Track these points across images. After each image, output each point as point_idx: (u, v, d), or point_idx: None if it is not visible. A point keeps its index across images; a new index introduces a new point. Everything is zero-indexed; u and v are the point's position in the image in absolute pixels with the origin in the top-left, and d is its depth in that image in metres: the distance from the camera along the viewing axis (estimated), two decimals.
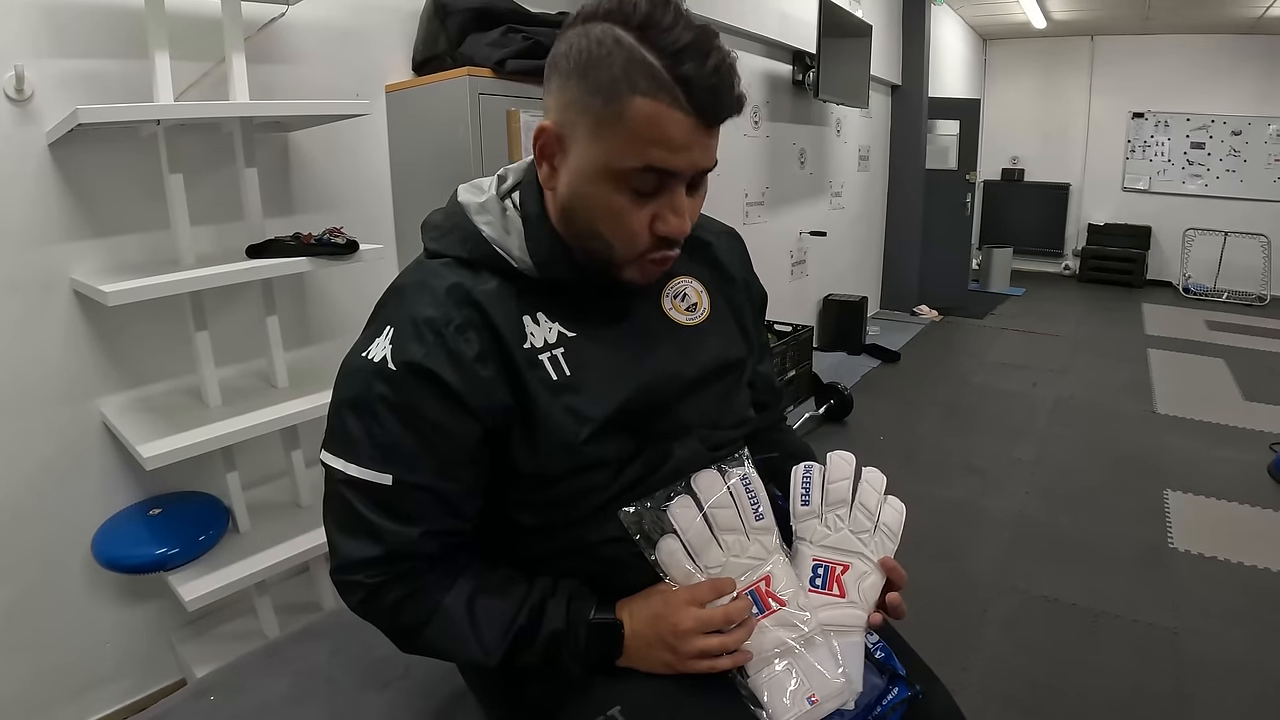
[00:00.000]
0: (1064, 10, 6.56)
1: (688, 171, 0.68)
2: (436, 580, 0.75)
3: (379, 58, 1.96)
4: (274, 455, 1.72)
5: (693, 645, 0.72)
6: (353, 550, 0.72)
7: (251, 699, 0.97)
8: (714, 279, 0.88)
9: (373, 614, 0.76)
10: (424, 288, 0.73)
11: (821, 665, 0.73)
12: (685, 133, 0.65)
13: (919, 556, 2.31)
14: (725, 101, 0.65)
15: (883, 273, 5.94)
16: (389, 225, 2.04)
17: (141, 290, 1.30)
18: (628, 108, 0.64)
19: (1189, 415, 3.67)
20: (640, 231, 0.70)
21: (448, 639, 0.74)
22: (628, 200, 0.68)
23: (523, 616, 0.73)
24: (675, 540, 0.75)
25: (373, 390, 0.70)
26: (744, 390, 0.90)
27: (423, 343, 0.70)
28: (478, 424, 0.71)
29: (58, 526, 1.53)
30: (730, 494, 0.77)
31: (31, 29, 1.38)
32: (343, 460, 0.72)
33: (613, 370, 0.75)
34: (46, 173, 1.43)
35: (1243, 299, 6.85)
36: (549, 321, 0.75)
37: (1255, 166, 7.05)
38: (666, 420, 0.79)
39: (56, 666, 1.56)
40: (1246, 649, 1.90)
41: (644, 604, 0.76)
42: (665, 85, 0.63)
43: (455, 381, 0.69)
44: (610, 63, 0.64)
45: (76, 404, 1.53)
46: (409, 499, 0.71)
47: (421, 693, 0.98)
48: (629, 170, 0.66)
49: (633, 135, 0.65)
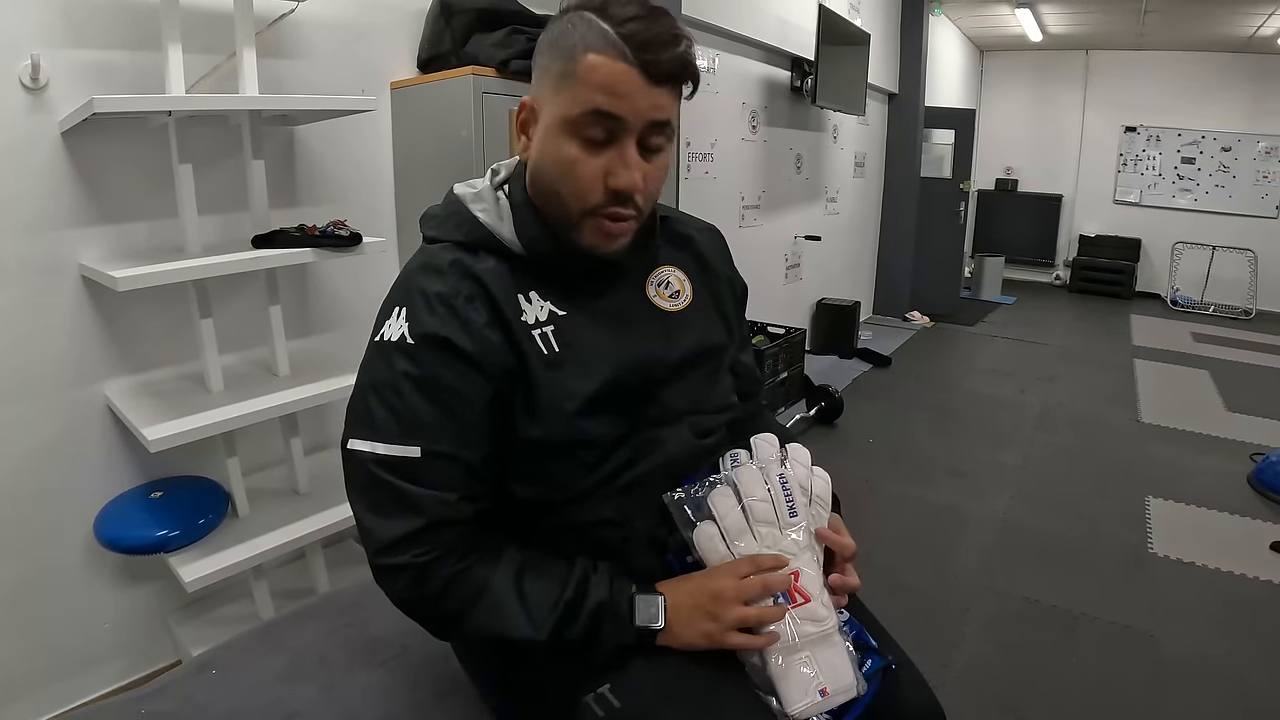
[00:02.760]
0: (1060, 24, 6.64)
1: (633, 120, 0.72)
2: (481, 559, 0.76)
3: (384, 55, 1.99)
4: (273, 442, 1.75)
5: (733, 613, 0.75)
6: (392, 529, 0.74)
7: (251, 674, 0.99)
8: (696, 270, 0.93)
9: (418, 600, 0.76)
10: (429, 268, 0.78)
11: (836, 661, 0.77)
12: (628, 82, 0.71)
13: (904, 556, 2.35)
14: (666, 59, 0.71)
15: (875, 278, 6.00)
16: (390, 219, 2.07)
17: (152, 276, 1.33)
18: (581, 63, 0.71)
19: (1172, 424, 3.73)
20: (592, 182, 0.74)
21: (496, 616, 0.75)
22: (580, 149, 0.73)
23: (570, 590, 0.75)
24: (713, 526, 0.79)
25: (395, 367, 0.74)
26: (727, 377, 0.94)
27: (435, 315, 0.74)
28: (490, 385, 0.75)
29: (60, 507, 1.55)
30: (769, 489, 0.81)
31: (48, 19, 1.41)
32: (370, 441, 0.75)
33: (599, 348, 0.80)
34: (58, 160, 1.46)
35: (1229, 312, 6.95)
36: (541, 300, 0.80)
37: (1244, 183, 7.15)
38: (655, 405, 0.83)
39: (56, 645, 1.59)
40: (1222, 652, 1.94)
41: (686, 579, 0.79)
42: (613, 42, 0.70)
43: (469, 346, 0.74)
44: (572, 33, 0.73)
45: (81, 387, 1.56)
46: (438, 468, 0.74)
47: (416, 671, 1.00)
48: (579, 117, 0.72)
49: (583, 84, 0.71)
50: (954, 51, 7.11)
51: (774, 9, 3.70)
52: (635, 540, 0.82)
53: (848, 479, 0.96)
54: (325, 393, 1.60)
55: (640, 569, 0.81)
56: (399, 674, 0.99)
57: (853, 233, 5.41)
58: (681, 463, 0.83)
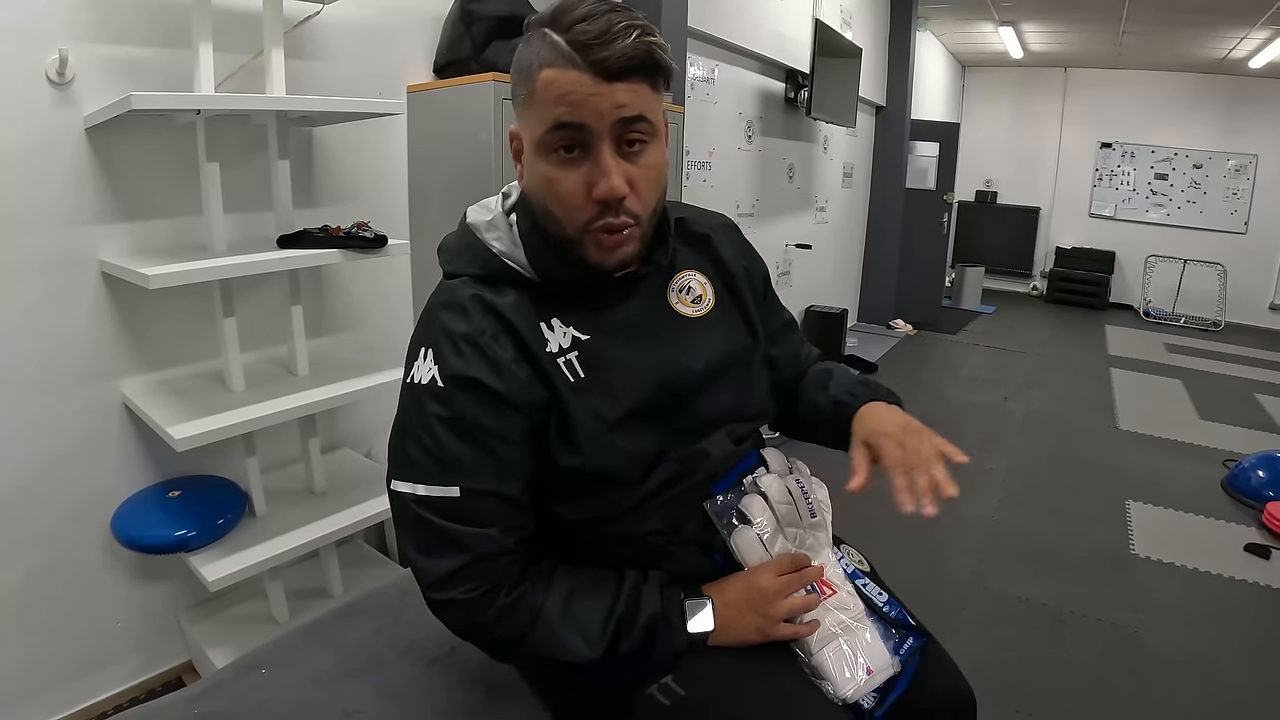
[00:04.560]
0: (1040, 42, 6.82)
1: (596, 124, 0.70)
2: (532, 587, 0.77)
3: (402, 59, 2.02)
4: (289, 441, 1.76)
5: (780, 606, 0.81)
6: (440, 566, 0.75)
7: (302, 672, 0.99)
8: (716, 271, 0.92)
9: (474, 630, 0.78)
10: (451, 306, 0.77)
11: (871, 642, 0.83)
12: (583, 87, 0.69)
13: (898, 558, 2.41)
14: (615, 53, 0.68)
15: (861, 286, 6.10)
16: (404, 221, 2.08)
17: (183, 275, 1.34)
18: (537, 81, 0.71)
19: (1149, 432, 3.86)
20: (576, 198, 0.73)
21: (551, 641, 0.76)
22: (555, 167, 0.72)
23: (621, 605, 0.78)
24: (750, 530, 0.84)
25: (427, 410, 0.74)
26: (761, 379, 0.94)
27: (462, 356, 0.74)
28: (523, 419, 0.76)
29: (77, 505, 1.55)
30: (790, 494, 0.87)
31: (77, 14, 1.42)
32: (410, 483, 0.75)
33: (626, 370, 0.80)
34: (82, 155, 1.47)
35: (1199, 324, 7.17)
36: (563, 327, 0.79)
37: (1214, 199, 7.38)
38: (688, 415, 0.84)
39: (68, 643, 1.58)
40: (1202, 647, 2.03)
41: (731, 580, 0.83)
42: (562, 51, 0.69)
43: (498, 385, 0.74)
44: (529, 53, 0.72)
45: (99, 384, 1.56)
46: (478, 506, 0.75)
47: (468, 669, 1.00)
48: (545, 135, 0.71)
49: (542, 102, 0.71)
50: (939, 67, 7.26)
51: (772, 22, 3.77)
52: (682, 546, 0.85)
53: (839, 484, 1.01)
54: (346, 393, 1.61)
55: (689, 570, 0.84)
56: (452, 672, 1.00)
57: (841, 241, 5.51)
58: (724, 472, 0.87)
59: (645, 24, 0.71)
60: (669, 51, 0.73)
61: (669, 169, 0.82)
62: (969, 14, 6.02)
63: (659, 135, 0.75)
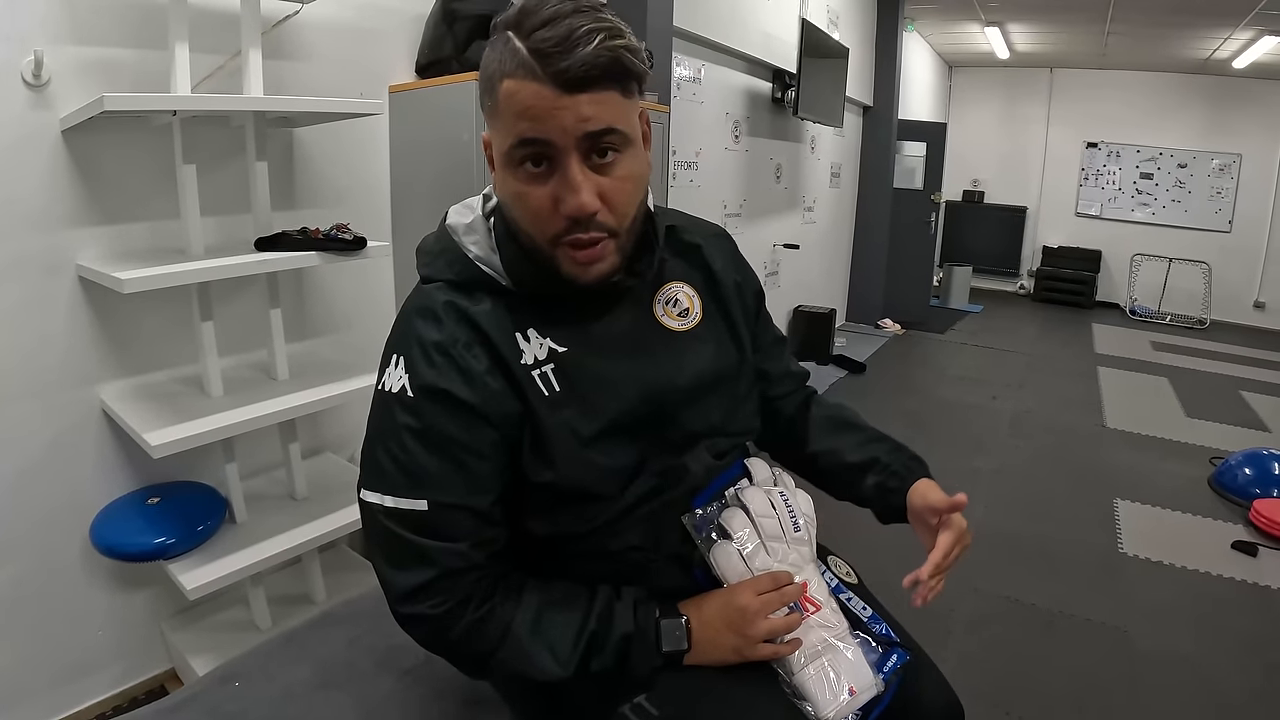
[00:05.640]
0: (1026, 43, 6.86)
1: (560, 139, 0.66)
2: (502, 603, 0.75)
3: (383, 58, 1.99)
4: (270, 447, 1.74)
5: (760, 627, 0.77)
6: (407, 580, 0.72)
7: (276, 685, 0.98)
8: (705, 283, 0.88)
9: (442, 646, 0.77)
10: (425, 312, 0.75)
11: (855, 660, 0.80)
12: (544, 101, 0.65)
13: (889, 558, 2.40)
14: (577, 63, 0.63)
15: (849, 286, 6.11)
16: (386, 223, 2.06)
17: (158, 279, 1.32)
18: (500, 93, 0.67)
19: (1136, 430, 3.88)
20: (544, 212, 0.69)
21: (520, 658, 0.74)
22: (523, 182, 0.69)
23: (592, 622, 0.75)
24: (731, 545, 0.81)
25: (397, 420, 0.72)
26: (749, 397, 0.91)
27: (434, 366, 0.72)
28: (495, 432, 0.73)
29: (55, 512, 1.52)
30: (773, 506, 0.85)
31: (52, 15, 1.39)
32: (378, 494, 0.73)
33: (605, 383, 0.77)
34: (58, 158, 1.44)
35: (1185, 322, 7.23)
36: (539, 338, 0.76)
37: (1199, 198, 7.45)
38: (673, 429, 0.81)
39: (50, 651, 1.56)
40: (1190, 646, 2.04)
41: (709, 598, 0.80)
42: (523, 62, 0.65)
43: (470, 397, 0.71)
44: (492, 58, 0.68)
45: (77, 389, 1.53)
46: (447, 519, 0.72)
47: (443, 680, 0.99)
48: (510, 150, 0.68)
49: (505, 115, 0.67)
50: (925, 67, 7.29)
51: (759, 22, 3.76)
52: (660, 561, 0.82)
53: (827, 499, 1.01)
54: (327, 398, 1.59)
55: (667, 586, 0.82)
56: (427, 683, 0.99)
57: (828, 241, 5.51)
58: (705, 486, 0.84)
59: (612, 25, 0.65)
60: (640, 54, 0.68)
61: (652, 171, 0.79)
62: (955, 14, 6.05)
63: (634, 143, 0.71)
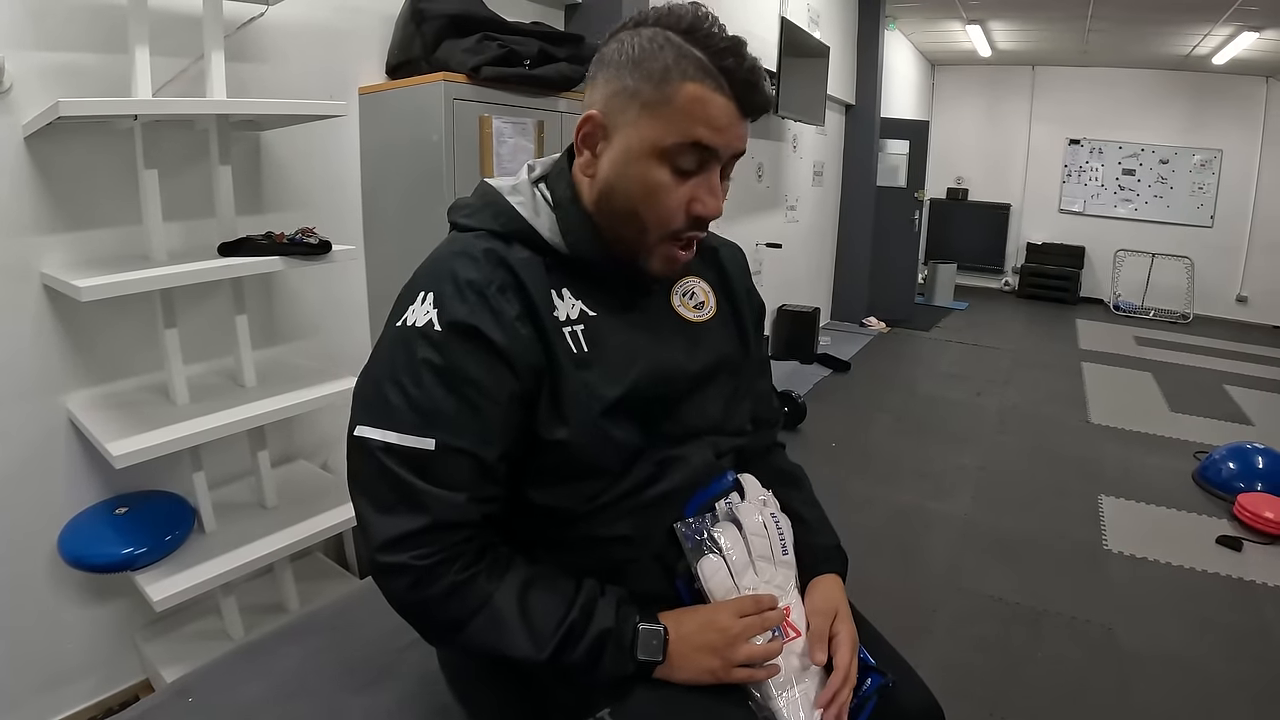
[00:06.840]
0: (1008, 41, 6.89)
1: (725, 152, 0.74)
2: (487, 571, 0.73)
3: (352, 60, 1.96)
4: (239, 455, 1.71)
5: (739, 651, 0.76)
6: (394, 526, 0.70)
7: (231, 700, 0.96)
8: (720, 281, 0.94)
9: (417, 603, 0.73)
10: (463, 254, 0.76)
11: None
12: (727, 116, 0.73)
13: (872, 558, 2.40)
14: (759, 95, 0.74)
15: (834, 285, 6.11)
16: (357, 226, 2.03)
17: (116, 286, 1.29)
18: (678, 91, 0.71)
19: (1120, 425, 3.89)
20: (676, 210, 0.75)
21: (496, 632, 0.72)
22: (669, 177, 0.74)
23: (575, 612, 0.73)
24: (719, 559, 0.80)
25: (417, 354, 0.71)
26: (745, 399, 0.93)
27: (466, 302, 0.72)
28: (516, 381, 0.73)
29: (22, 523, 1.49)
30: (765, 526, 0.83)
31: (13, 20, 1.36)
32: (380, 429, 0.71)
33: (626, 353, 0.79)
34: (21, 165, 1.41)
35: (1168, 317, 7.28)
36: (573, 299, 0.78)
37: (1181, 194, 7.50)
38: (675, 421, 0.82)
39: (20, 665, 1.52)
40: (1176, 642, 2.03)
41: (690, 614, 0.79)
42: (711, 73, 0.71)
43: (499, 338, 0.71)
44: (662, 55, 0.72)
45: (43, 399, 1.49)
46: (451, 464, 0.70)
47: (402, 695, 0.97)
48: (675, 146, 0.73)
49: (681, 114, 0.72)
50: (908, 65, 7.30)
51: (737, 20, 3.75)
52: (644, 561, 0.81)
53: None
54: (296, 404, 1.56)
55: (646, 591, 0.80)
56: (383, 697, 0.97)
57: (812, 240, 5.51)
58: (705, 482, 0.84)
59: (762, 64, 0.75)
60: None
61: None
62: (936, 12, 6.06)
63: None
